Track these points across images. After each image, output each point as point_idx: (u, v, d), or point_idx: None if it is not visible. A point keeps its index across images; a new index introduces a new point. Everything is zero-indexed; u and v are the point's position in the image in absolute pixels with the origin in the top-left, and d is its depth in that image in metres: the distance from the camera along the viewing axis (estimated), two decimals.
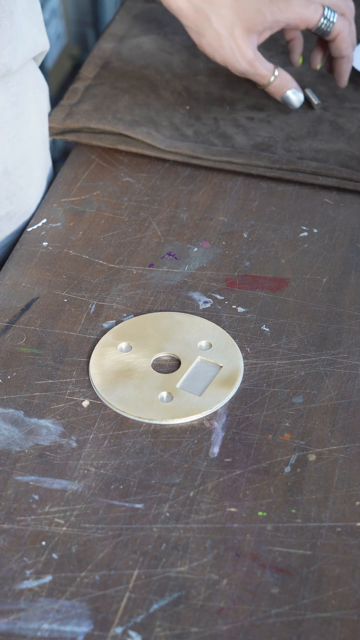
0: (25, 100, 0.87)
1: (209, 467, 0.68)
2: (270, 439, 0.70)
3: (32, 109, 0.88)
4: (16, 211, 0.88)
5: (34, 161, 0.89)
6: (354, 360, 0.75)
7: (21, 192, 0.88)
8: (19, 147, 0.87)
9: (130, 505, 0.66)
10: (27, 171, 0.88)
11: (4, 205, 0.87)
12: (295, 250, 0.84)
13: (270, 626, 0.60)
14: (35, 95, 0.89)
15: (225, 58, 0.91)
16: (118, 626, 0.60)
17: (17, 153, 0.87)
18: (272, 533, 0.65)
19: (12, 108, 0.85)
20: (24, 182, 0.88)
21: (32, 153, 0.89)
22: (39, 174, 0.90)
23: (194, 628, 0.60)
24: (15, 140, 0.86)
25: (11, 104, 0.85)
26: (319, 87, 0.99)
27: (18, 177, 0.87)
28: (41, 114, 0.91)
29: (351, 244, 0.84)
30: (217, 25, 0.90)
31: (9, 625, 0.60)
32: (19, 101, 0.86)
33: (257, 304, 0.79)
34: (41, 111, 0.91)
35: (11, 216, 0.88)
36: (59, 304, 0.79)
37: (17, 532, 0.65)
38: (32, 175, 0.89)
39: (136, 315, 0.78)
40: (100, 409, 0.72)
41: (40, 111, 0.91)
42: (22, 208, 0.89)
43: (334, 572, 0.63)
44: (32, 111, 0.88)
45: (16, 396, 0.73)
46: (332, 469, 0.68)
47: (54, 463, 0.69)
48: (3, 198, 0.87)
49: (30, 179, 0.89)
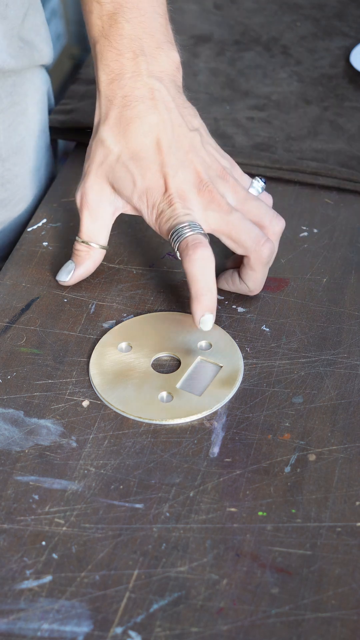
0: (22, 90, 0.87)
1: (209, 467, 0.68)
2: (270, 439, 0.70)
3: (30, 100, 0.89)
4: (10, 199, 0.89)
5: (30, 151, 0.89)
6: (354, 360, 0.75)
7: (16, 180, 0.88)
8: (15, 135, 0.87)
9: (130, 505, 0.66)
10: (23, 160, 0.89)
11: None
12: (295, 250, 0.84)
13: (270, 626, 0.60)
14: (35, 87, 0.89)
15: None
16: (118, 626, 0.60)
17: (12, 141, 0.87)
18: (272, 533, 0.65)
19: (7, 97, 0.86)
20: (19, 170, 0.88)
21: (28, 143, 0.89)
22: (35, 164, 0.90)
23: (194, 628, 0.60)
24: (10, 129, 0.87)
25: (7, 93, 0.86)
26: (318, 86, 0.99)
27: (13, 165, 0.88)
28: (41, 105, 0.91)
29: (351, 244, 0.84)
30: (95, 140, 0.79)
31: (9, 625, 0.60)
32: (16, 91, 0.86)
33: (257, 304, 0.79)
34: (41, 102, 0.91)
35: (5, 203, 0.88)
36: (59, 304, 0.79)
37: (17, 532, 0.65)
38: (28, 164, 0.89)
39: (136, 315, 0.78)
40: (100, 409, 0.72)
41: (39, 102, 0.91)
42: (16, 195, 0.89)
43: (334, 572, 0.63)
44: (30, 103, 0.89)
45: (16, 396, 0.73)
46: (332, 469, 0.68)
47: (54, 463, 0.69)
48: None
49: (25, 168, 0.89)
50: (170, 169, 0.75)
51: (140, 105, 0.77)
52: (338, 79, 1.00)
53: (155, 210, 0.76)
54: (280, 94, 0.98)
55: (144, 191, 0.76)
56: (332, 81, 0.99)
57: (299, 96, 0.98)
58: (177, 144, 0.76)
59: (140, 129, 0.76)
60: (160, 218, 0.75)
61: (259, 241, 0.75)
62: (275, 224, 0.78)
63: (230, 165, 0.79)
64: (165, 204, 0.75)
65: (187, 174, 0.76)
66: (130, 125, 0.76)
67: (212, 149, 0.78)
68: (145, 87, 0.77)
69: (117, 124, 0.77)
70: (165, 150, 0.76)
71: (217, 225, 0.76)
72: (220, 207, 0.75)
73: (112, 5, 0.78)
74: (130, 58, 0.78)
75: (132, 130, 0.76)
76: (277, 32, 1.06)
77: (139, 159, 0.76)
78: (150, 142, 0.76)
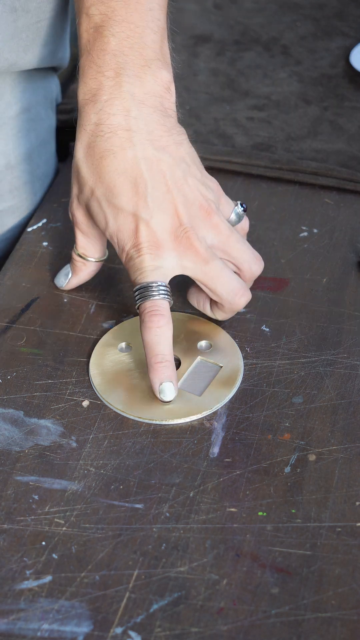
0: (33, 97, 0.87)
1: (209, 467, 0.68)
2: (270, 439, 0.70)
3: (41, 107, 0.88)
4: (18, 206, 0.88)
5: (39, 158, 0.89)
6: (354, 360, 0.75)
7: (24, 187, 0.88)
8: (25, 142, 0.87)
9: (130, 505, 0.66)
10: (32, 167, 0.88)
11: (7, 199, 0.87)
12: (295, 250, 0.84)
13: (270, 626, 0.60)
14: (45, 93, 0.89)
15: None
16: (118, 626, 0.60)
17: (21, 148, 0.86)
18: (272, 533, 0.65)
19: (17, 104, 0.85)
20: (27, 177, 0.88)
21: (37, 150, 0.89)
22: (44, 171, 0.90)
23: (194, 628, 0.60)
24: (20, 135, 0.86)
25: (17, 99, 0.85)
26: (318, 86, 0.99)
27: (22, 172, 0.87)
28: (50, 111, 0.91)
29: (351, 244, 0.84)
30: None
31: (9, 625, 0.60)
32: (26, 97, 0.86)
33: (257, 304, 0.79)
34: (50, 109, 0.91)
35: (13, 210, 0.88)
36: (59, 304, 0.79)
37: (17, 532, 0.65)
38: (36, 171, 0.89)
39: (136, 315, 0.78)
40: (100, 409, 0.72)
41: (49, 109, 0.90)
42: (25, 203, 0.89)
43: (334, 572, 0.63)
44: (41, 109, 0.88)
45: (16, 396, 0.73)
46: (332, 469, 0.68)
47: (54, 463, 0.69)
48: (5, 192, 0.87)
49: (34, 175, 0.89)
50: (144, 214, 0.71)
51: (113, 138, 0.71)
52: (338, 79, 1.00)
53: (124, 255, 0.72)
54: (280, 94, 0.98)
55: (115, 233, 0.72)
56: (332, 81, 0.99)
57: (299, 96, 0.98)
58: (155, 183, 0.71)
59: (114, 166, 0.71)
60: (129, 265, 0.72)
61: (235, 294, 0.73)
62: (255, 268, 0.75)
63: (215, 195, 0.74)
64: (134, 252, 0.71)
65: (164, 218, 0.71)
66: (104, 161, 0.71)
67: (197, 182, 0.73)
68: (122, 113, 0.71)
69: (90, 155, 0.72)
70: (142, 191, 0.71)
71: (193, 273, 0.72)
72: (197, 256, 0.71)
73: (100, 17, 0.73)
74: (111, 77, 0.72)
75: (105, 165, 0.71)
76: (277, 32, 1.06)
77: (113, 197, 0.71)
78: (125, 181, 0.71)
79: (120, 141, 0.71)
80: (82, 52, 0.74)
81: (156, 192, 0.71)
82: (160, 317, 0.70)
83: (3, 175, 0.86)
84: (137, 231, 0.71)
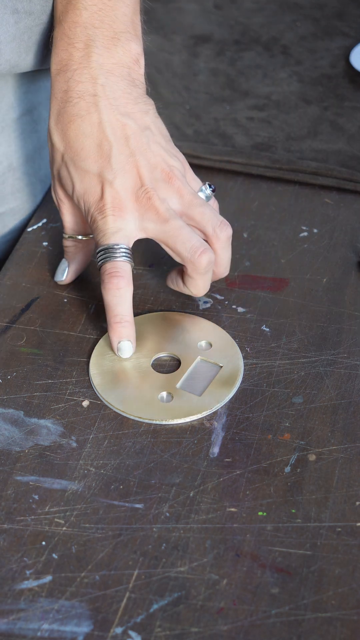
0: (36, 98, 0.87)
1: (209, 467, 0.68)
2: (270, 439, 0.70)
3: (43, 108, 0.88)
4: (20, 207, 0.88)
5: (42, 160, 0.89)
6: (354, 360, 0.75)
7: (26, 189, 0.88)
8: (27, 144, 0.87)
9: (130, 505, 0.66)
10: (34, 169, 0.88)
11: (9, 200, 0.87)
12: (295, 250, 0.84)
13: (270, 626, 0.60)
14: (47, 95, 0.89)
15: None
16: (118, 626, 0.60)
17: (24, 150, 0.86)
18: (272, 533, 0.65)
19: (20, 105, 0.85)
20: (30, 179, 0.88)
21: (40, 152, 0.89)
22: (46, 172, 0.90)
23: (194, 628, 0.60)
24: (22, 137, 0.86)
25: (20, 101, 0.85)
26: (318, 86, 0.99)
27: (24, 174, 0.87)
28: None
29: (351, 244, 0.84)
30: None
31: (9, 625, 0.60)
32: (28, 99, 0.86)
33: (257, 304, 0.79)
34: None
35: (15, 212, 0.88)
36: (59, 304, 0.79)
37: (17, 532, 0.65)
38: (38, 173, 0.89)
39: (136, 315, 0.78)
40: (100, 409, 0.72)
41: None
42: (26, 205, 0.89)
43: (334, 572, 0.63)
44: (43, 110, 0.88)
45: (16, 396, 0.73)
46: (332, 469, 0.68)
47: (54, 463, 0.69)
48: (7, 194, 0.87)
49: (36, 177, 0.89)
50: (108, 174, 0.73)
51: (81, 102, 0.74)
52: (338, 79, 1.00)
53: (89, 217, 0.74)
54: (280, 94, 0.98)
55: (81, 195, 0.74)
56: (332, 81, 0.99)
57: (299, 96, 0.98)
58: (119, 146, 0.73)
59: (81, 129, 0.73)
60: (93, 227, 0.74)
61: (195, 251, 0.73)
62: (220, 231, 0.75)
63: (181, 165, 0.76)
64: (98, 213, 0.73)
65: (127, 179, 0.73)
66: (71, 124, 0.74)
67: (161, 149, 0.75)
68: (90, 81, 0.74)
69: (60, 121, 0.74)
70: (106, 153, 0.73)
71: (154, 234, 0.74)
72: (157, 215, 0.73)
73: None
74: (81, 49, 0.74)
75: (72, 129, 0.74)
76: (277, 32, 1.06)
77: (79, 159, 0.73)
78: (91, 143, 0.73)
79: (87, 106, 0.74)
80: (56, 23, 0.76)
81: (120, 155, 0.73)
82: (120, 278, 0.72)
83: (5, 177, 0.86)
84: (102, 192, 0.73)
